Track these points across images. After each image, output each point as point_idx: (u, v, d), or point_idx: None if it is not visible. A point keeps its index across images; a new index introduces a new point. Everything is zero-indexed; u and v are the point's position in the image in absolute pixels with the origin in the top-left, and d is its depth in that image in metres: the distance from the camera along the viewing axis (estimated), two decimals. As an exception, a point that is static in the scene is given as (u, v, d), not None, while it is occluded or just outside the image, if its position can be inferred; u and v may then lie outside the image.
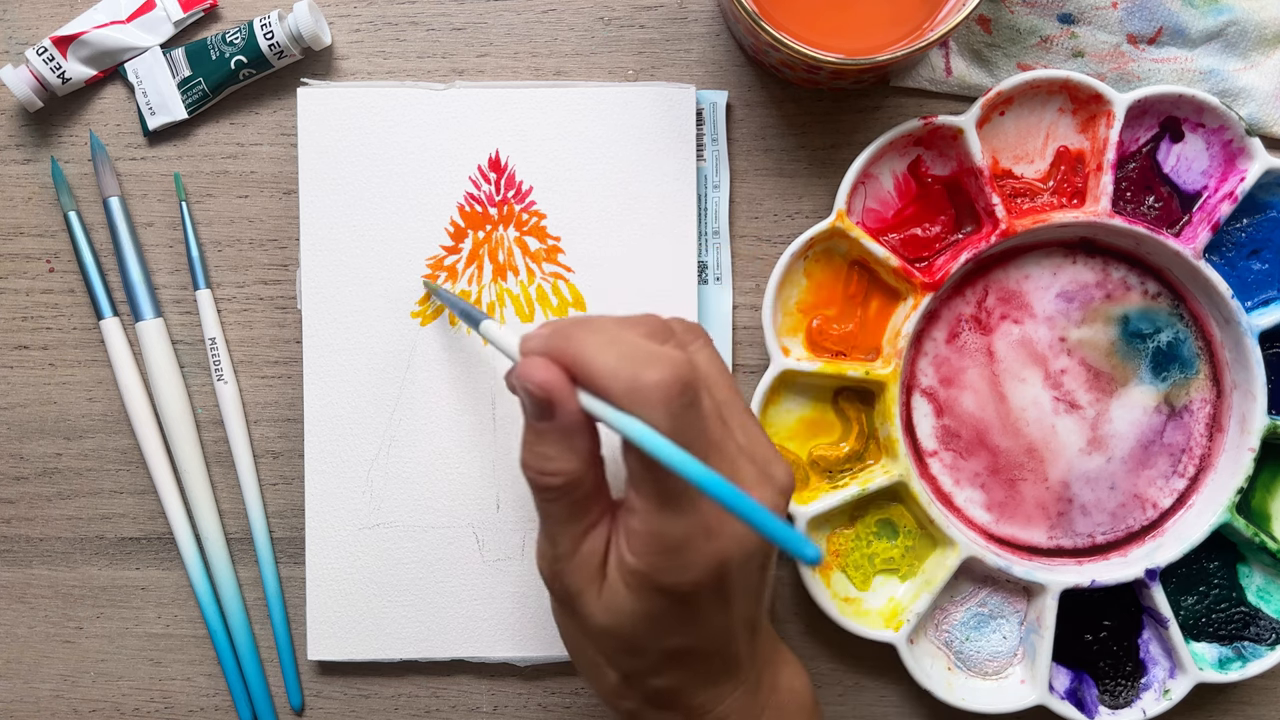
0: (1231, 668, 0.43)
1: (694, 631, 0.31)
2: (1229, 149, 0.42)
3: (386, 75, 0.44)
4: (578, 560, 0.31)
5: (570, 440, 0.30)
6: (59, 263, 0.45)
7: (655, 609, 0.30)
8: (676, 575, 0.29)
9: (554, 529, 0.31)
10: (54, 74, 0.43)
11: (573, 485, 0.30)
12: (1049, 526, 0.44)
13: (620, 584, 0.30)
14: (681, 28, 0.44)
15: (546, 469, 0.30)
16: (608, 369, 0.28)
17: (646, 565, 0.30)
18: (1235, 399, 0.43)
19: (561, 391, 0.29)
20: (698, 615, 0.31)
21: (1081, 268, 0.43)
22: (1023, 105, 0.42)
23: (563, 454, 0.30)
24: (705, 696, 0.33)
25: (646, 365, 0.28)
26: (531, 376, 0.29)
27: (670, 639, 0.31)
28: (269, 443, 0.45)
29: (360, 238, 0.43)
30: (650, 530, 0.29)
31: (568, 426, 0.30)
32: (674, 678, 0.32)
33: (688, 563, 0.29)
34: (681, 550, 0.29)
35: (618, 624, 0.31)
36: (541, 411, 0.30)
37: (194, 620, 0.45)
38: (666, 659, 0.32)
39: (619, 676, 0.33)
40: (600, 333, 0.30)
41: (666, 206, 0.43)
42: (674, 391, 0.28)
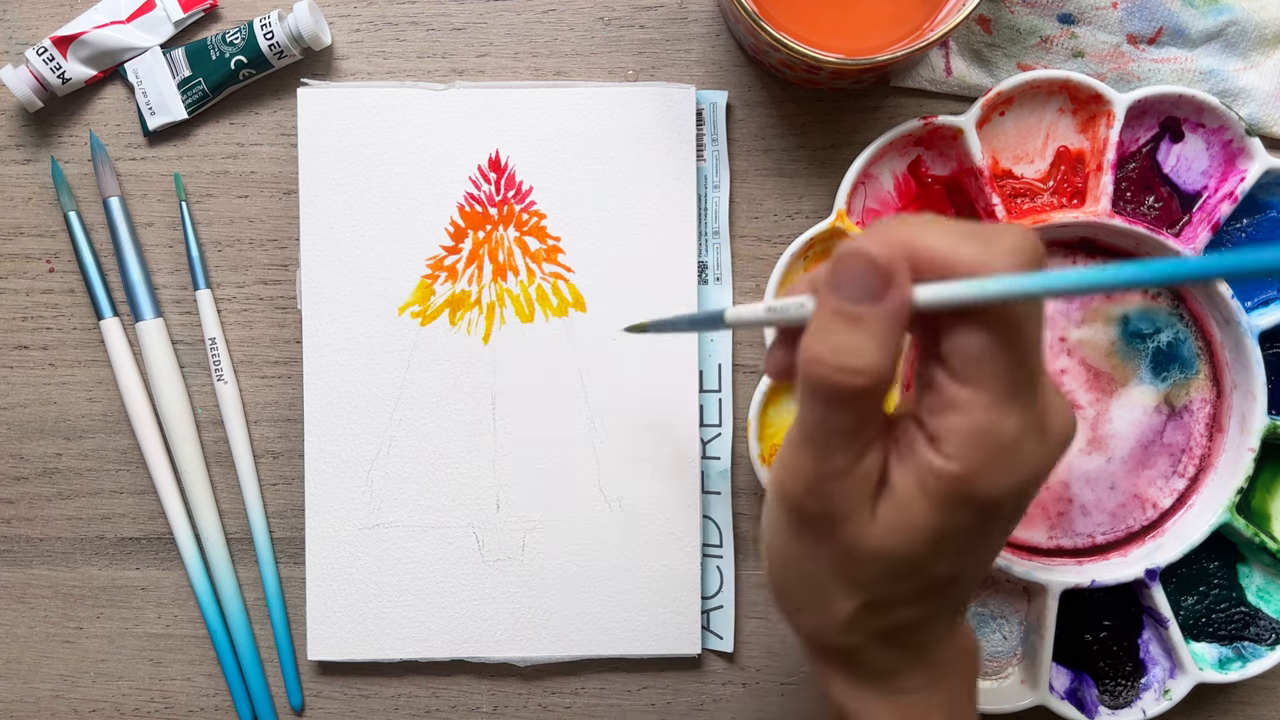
0: (1231, 668, 0.43)
1: (973, 552, 0.29)
2: (1229, 149, 0.42)
3: (386, 75, 0.44)
4: (856, 476, 0.27)
5: (890, 331, 0.26)
6: (59, 263, 0.45)
7: (954, 524, 0.27)
8: (999, 478, 0.26)
9: (831, 442, 0.27)
10: (54, 74, 0.43)
11: (877, 390, 0.26)
12: (1049, 526, 0.44)
13: (918, 497, 0.27)
14: (681, 28, 0.44)
15: (852, 365, 0.26)
16: (946, 244, 0.26)
17: (966, 468, 0.26)
18: (1235, 399, 0.43)
19: (901, 266, 0.26)
20: (989, 534, 0.28)
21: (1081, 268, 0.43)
22: (1023, 105, 0.42)
23: (876, 348, 0.26)
24: (937, 634, 0.30)
25: (992, 234, 0.26)
26: (870, 247, 0.26)
27: (952, 561, 0.28)
28: (269, 443, 0.45)
29: (360, 238, 0.43)
30: (982, 426, 0.26)
31: (894, 312, 0.26)
32: (926, 607, 0.29)
33: (1014, 465, 0.26)
34: (1012, 451, 0.26)
35: (901, 544, 0.27)
36: (868, 290, 0.26)
37: (194, 620, 0.45)
38: (932, 585, 0.29)
39: (858, 607, 0.29)
40: (924, 221, 0.27)
41: (666, 206, 0.43)
42: (1029, 251, 0.25)
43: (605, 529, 0.43)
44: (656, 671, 0.45)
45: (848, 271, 0.26)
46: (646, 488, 0.43)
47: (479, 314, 0.43)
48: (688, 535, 0.43)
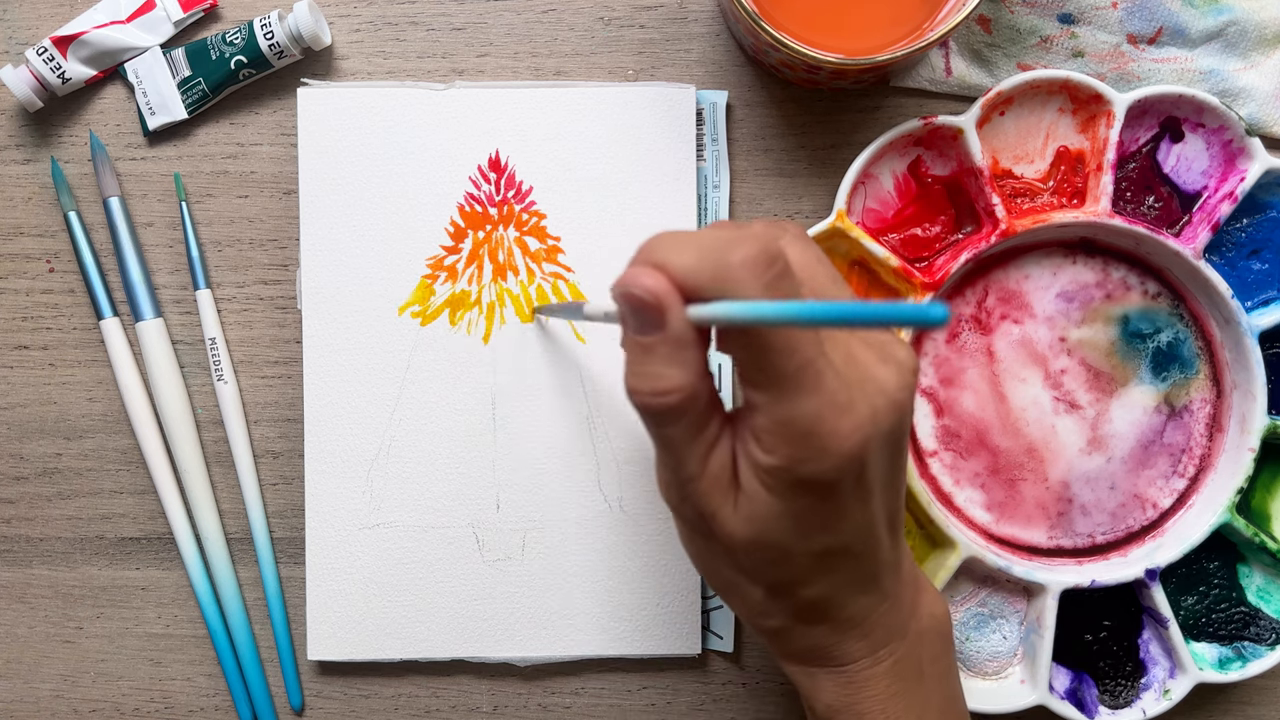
0: (1231, 668, 0.43)
1: (839, 527, 0.30)
2: (1229, 149, 0.42)
3: (386, 75, 0.44)
4: (708, 478, 0.30)
5: (681, 352, 0.28)
6: (59, 263, 0.45)
7: (798, 507, 0.29)
8: (816, 462, 0.28)
9: (676, 452, 0.30)
10: (54, 74, 0.43)
11: (689, 401, 0.29)
12: (1049, 526, 0.44)
13: (759, 489, 0.29)
14: (681, 28, 0.44)
15: (659, 388, 0.29)
16: (689, 265, 0.27)
17: (783, 458, 0.28)
18: (1235, 399, 0.43)
19: (669, 296, 0.28)
20: (841, 508, 0.30)
21: (1081, 268, 0.43)
22: (1023, 105, 0.42)
23: (674, 368, 0.28)
24: (855, 607, 0.32)
25: (727, 249, 0.27)
26: (637, 281, 0.28)
27: (817, 538, 0.30)
28: (269, 443, 0.45)
29: (360, 238, 0.43)
30: (779, 420, 0.28)
31: (678, 336, 0.28)
32: (823, 585, 0.31)
33: (825, 447, 0.28)
34: (815, 434, 0.28)
35: (761, 532, 0.30)
36: (649, 322, 0.28)
37: (194, 620, 0.45)
38: (815, 563, 0.31)
39: (764, 591, 0.32)
40: (675, 236, 0.29)
41: (666, 206, 0.43)
42: (761, 264, 0.27)
43: (605, 529, 0.43)
44: (656, 671, 0.45)
45: (628, 309, 0.28)
46: (646, 488, 0.43)
47: (479, 314, 0.43)
48: (688, 535, 0.43)
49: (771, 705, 0.45)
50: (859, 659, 0.33)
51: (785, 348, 0.27)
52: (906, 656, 0.33)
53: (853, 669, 0.33)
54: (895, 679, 0.33)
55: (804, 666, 0.34)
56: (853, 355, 0.30)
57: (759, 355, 0.28)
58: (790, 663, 0.34)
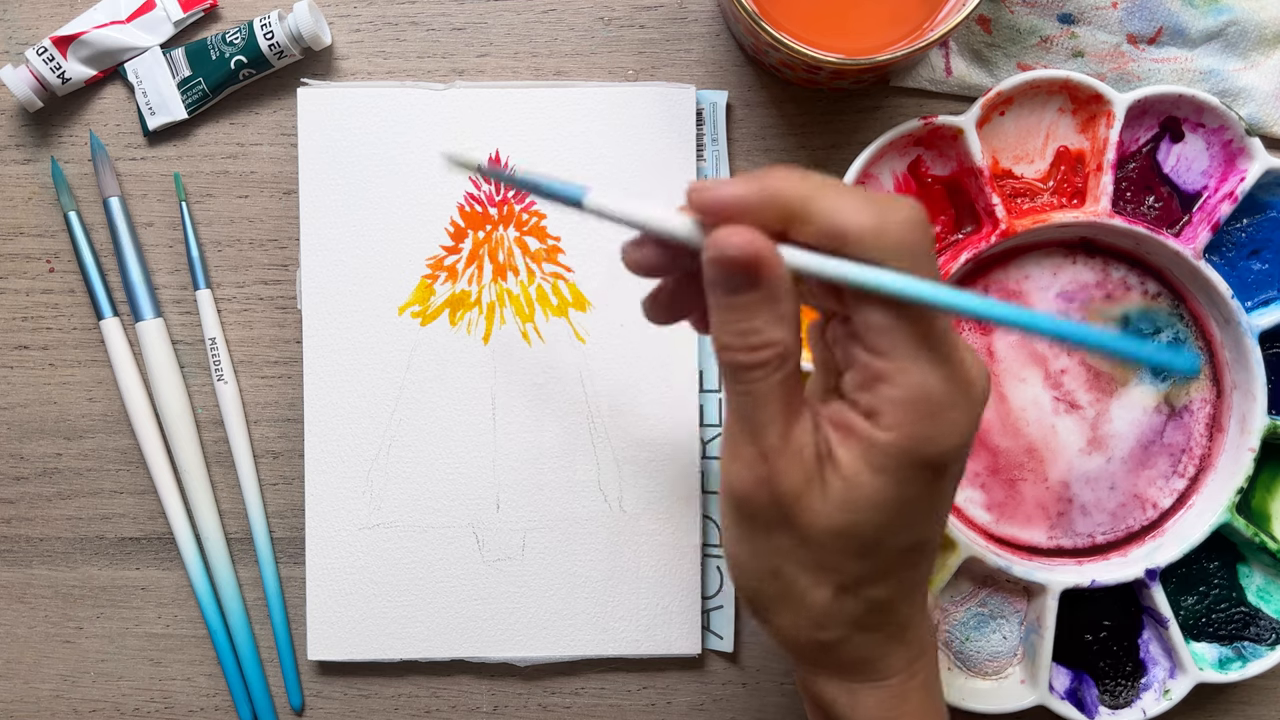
0: (1231, 668, 0.43)
1: (932, 518, 0.29)
2: (1229, 149, 0.42)
3: (386, 75, 0.44)
4: (791, 453, 0.28)
5: (778, 306, 0.27)
6: (59, 263, 0.45)
7: (909, 492, 0.27)
8: (941, 438, 0.27)
9: (760, 416, 0.28)
10: (54, 74, 0.43)
11: (787, 356, 0.27)
12: (1049, 526, 0.44)
13: (864, 471, 0.27)
14: (681, 28, 0.44)
15: (754, 342, 0.27)
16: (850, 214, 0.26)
17: (908, 436, 0.26)
18: (1235, 399, 0.43)
19: (766, 253, 0.26)
20: (943, 495, 0.28)
21: (1081, 268, 0.43)
22: (1023, 105, 0.42)
23: (772, 323, 0.27)
24: (907, 612, 0.31)
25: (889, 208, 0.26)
26: (731, 242, 0.26)
27: (912, 530, 0.28)
28: (269, 443, 0.45)
29: (360, 238, 0.43)
30: (911, 393, 0.26)
31: (776, 291, 0.27)
32: (895, 583, 0.29)
33: (951, 423, 0.27)
34: (943, 411, 0.26)
35: (856, 521, 0.28)
36: (744, 282, 0.26)
37: (194, 620, 0.45)
38: (898, 557, 0.29)
39: (832, 592, 0.29)
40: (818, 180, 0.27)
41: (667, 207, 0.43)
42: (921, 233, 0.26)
43: (605, 529, 0.43)
44: (656, 671, 0.45)
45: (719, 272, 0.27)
46: (646, 488, 0.43)
47: (479, 314, 0.43)
48: (688, 535, 0.43)
49: (772, 705, 0.45)
50: (899, 672, 0.31)
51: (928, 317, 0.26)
52: (931, 669, 0.32)
53: (894, 682, 0.31)
54: (927, 695, 0.32)
55: (846, 682, 0.32)
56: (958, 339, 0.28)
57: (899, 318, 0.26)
58: (830, 679, 0.32)
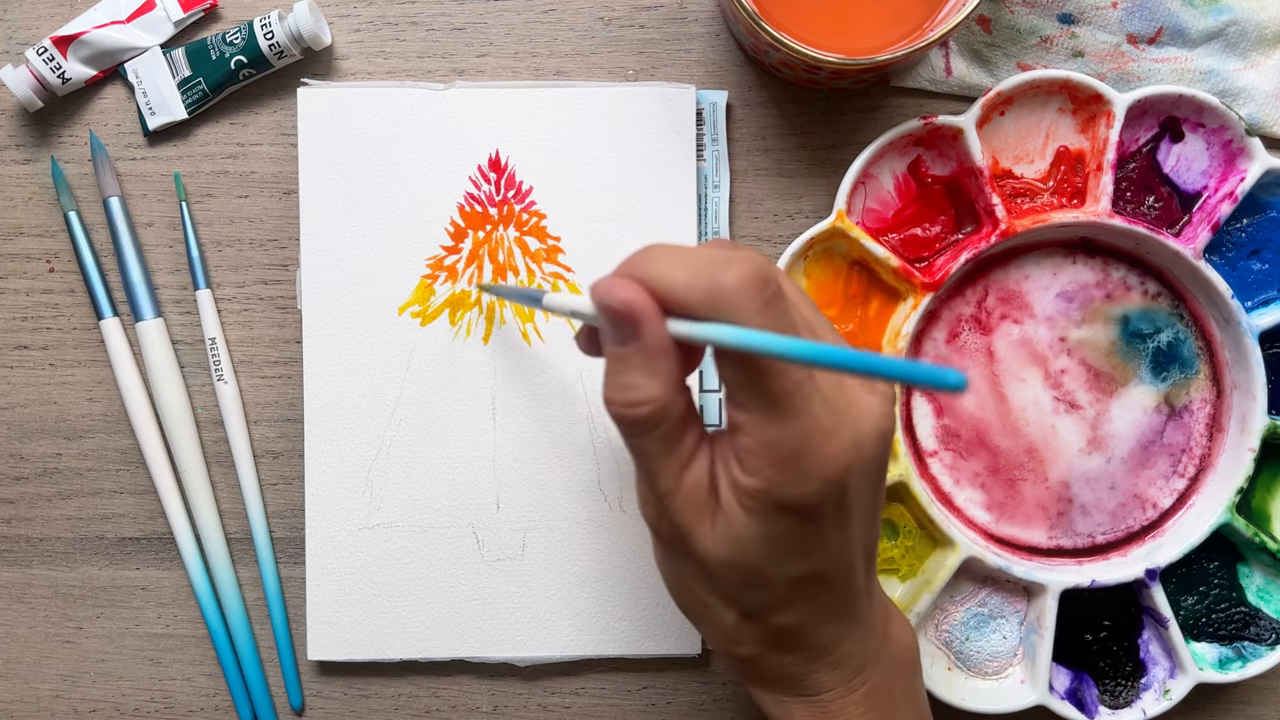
0: (1231, 668, 0.43)
1: (817, 554, 0.30)
2: (1229, 149, 0.42)
3: (386, 75, 0.44)
4: (683, 495, 0.30)
5: (654, 364, 0.29)
6: (59, 263, 0.45)
7: (778, 530, 0.29)
8: (798, 486, 0.28)
9: (651, 466, 0.30)
10: (54, 74, 0.43)
11: (662, 413, 0.29)
12: (1049, 526, 0.44)
13: (738, 510, 0.29)
14: (681, 28, 0.44)
15: (632, 398, 0.29)
16: (682, 282, 0.28)
17: (765, 481, 0.28)
18: (1235, 399, 0.43)
19: (644, 307, 0.28)
20: (820, 534, 0.30)
21: (1081, 268, 0.43)
22: (1023, 105, 0.42)
23: (647, 379, 0.29)
24: (827, 635, 0.32)
25: (721, 269, 0.27)
26: (613, 294, 0.28)
27: (794, 564, 0.30)
28: (269, 443, 0.45)
29: (360, 238, 0.43)
30: (763, 442, 0.28)
31: (652, 348, 0.28)
32: (797, 612, 0.31)
33: (808, 471, 0.28)
34: (800, 458, 0.28)
35: (739, 553, 0.30)
36: (625, 333, 0.28)
37: (194, 620, 0.45)
38: (790, 589, 0.30)
39: (737, 616, 0.31)
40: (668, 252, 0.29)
41: (666, 206, 0.43)
42: (756, 286, 0.27)
43: (605, 529, 0.43)
44: (656, 671, 0.45)
45: (605, 319, 0.29)
46: (646, 488, 0.43)
47: (479, 314, 0.43)
48: (688, 535, 0.43)
49: (771, 705, 0.45)
50: (832, 688, 0.32)
51: (775, 370, 0.27)
52: (879, 686, 0.33)
53: (826, 698, 0.32)
54: (869, 708, 0.33)
55: (776, 695, 0.33)
56: (839, 381, 0.30)
57: (747, 376, 0.28)
58: (762, 691, 0.34)
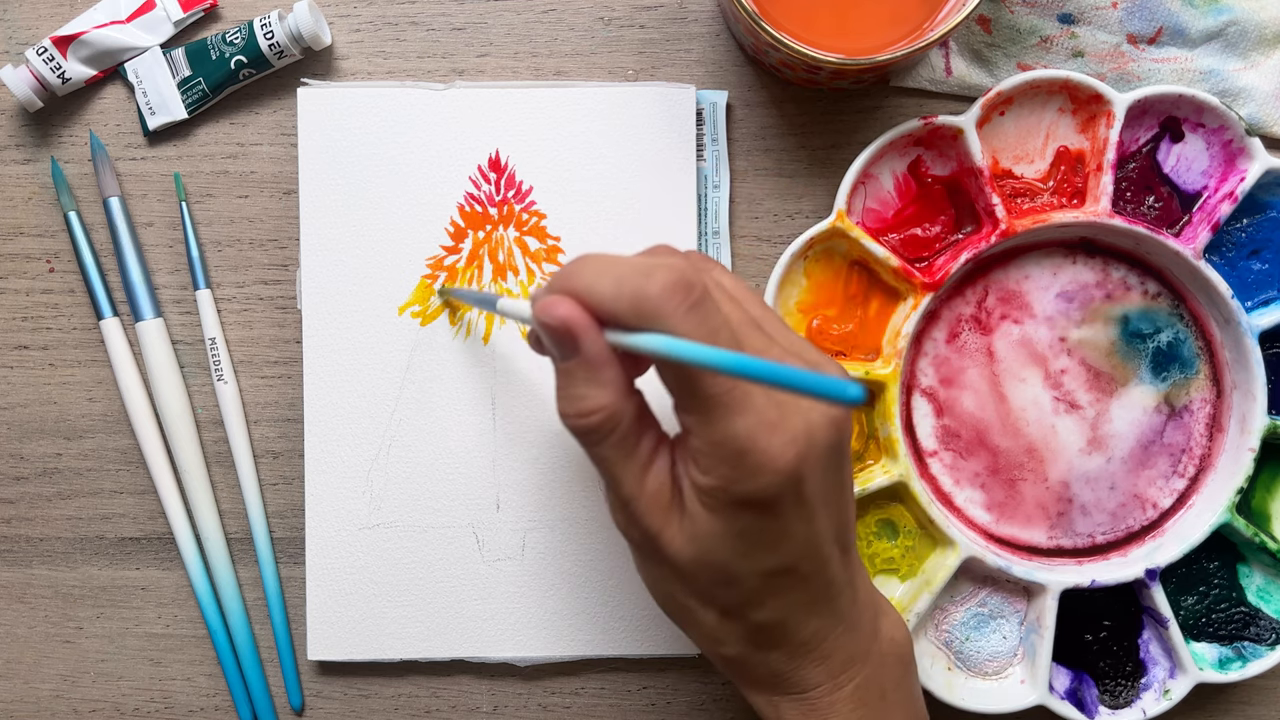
0: (1231, 668, 0.43)
1: (783, 547, 0.30)
2: (1229, 149, 0.42)
3: (386, 75, 0.44)
4: (647, 499, 0.31)
5: (597, 374, 0.29)
6: (59, 263, 0.45)
7: (740, 526, 0.30)
8: (750, 480, 0.29)
9: (612, 472, 0.31)
10: (54, 74, 0.43)
11: (611, 420, 0.30)
12: (1049, 526, 0.44)
13: (700, 509, 0.30)
14: (681, 28, 0.44)
15: (582, 408, 0.30)
16: (609, 293, 0.28)
17: (720, 478, 0.29)
18: (1235, 399, 0.43)
19: (580, 322, 0.29)
20: (783, 526, 0.30)
21: (1081, 268, 0.43)
22: (1023, 105, 0.42)
23: (594, 389, 0.30)
24: (809, 630, 0.32)
25: (644, 278, 0.28)
26: (549, 312, 0.29)
27: (762, 558, 0.30)
28: (269, 443, 0.45)
29: (360, 238, 0.43)
30: (711, 441, 0.29)
31: (593, 359, 0.29)
32: (774, 607, 0.31)
33: (758, 465, 0.29)
34: (748, 453, 0.29)
35: (706, 551, 0.30)
36: (566, 348, 0.29)
37: (194, 620, 0.45)
38: (763, 583, 0.31)
39: (717, 615, 0.32)
40: (596, 262, 0.30)
41: (666, 206, 0.43)
42: (679, 294, 0.28)
43: (605, 529, 0.43)
44: (656, 671, 0.45)
45: (544, 335, 0.30)
46: (646, 488, 0.43)
47: (479, 314, 0.43)
48: (688, 535, 0.43)
49: (771, 705, 0.45)
50: (819, 684, 0.33)
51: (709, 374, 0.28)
52: (869, 682, 0.33)
53: (814, 695, 0.33)
54: (858, 705, 0.33)
55: (766, 695, 0.33)
56: None
57: (686, 380, 0.29)
58: (753, 692, 0.34)
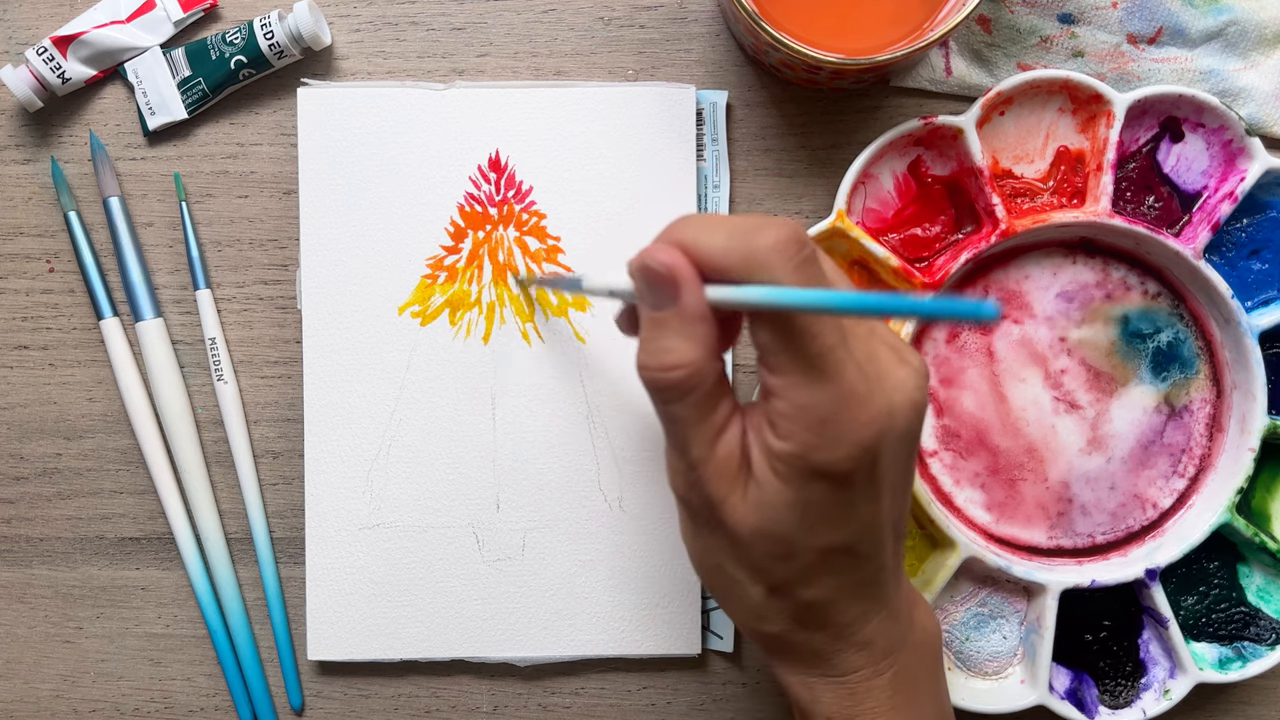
0: (1231, 668, 0.43)
1: (848, 524, 0.30)
2: (1229, 149, 0.42)
3: (386, 75, 0.44)
4: (715, 464, 0.30)
5: (691, 327, 0.29)
6: (59, 263, 0.45)
7: (810, 496, 0.29)
8: (830, 450, 0.28)
9: (683, 434, 0.30)
10: (54, 74, 0.43)
11: (696, 378, 0.29)
12: (1049, 526, 0.44)
13: (770, 476, 0.29)
14: (681, 28, 0.44)
15: (667, 362, 0.29)
16: (719, 245, 0.28)
17: (799, 444, 0.28)
18: (1235, 399, 0.43)
19: (684, 271, 0.28)
20: (851, 503, 0.30)
21: (1081, 268, 0.43)
22: (1023, 105, 0.42)
23: (684, 343, 0.29)
24: (854, 613, 0.32)
25: (756, 232, 0.28)
26: (655, 256, 0.29)
27: (825, 533, 0.30)
28: (269, 443, 0.45)
29: (360, 238, 0.43)
30: (797, 405, 0.28)
31: (690, 312, 0.29)
32: (826, 586, 0.31)
33: (841, 435, 0.28)
34: (833, 421, 0.28)
35: (770, 520, 0.30)
36: (663, 296, 0.29)
37: (194, 620, 0.45)
38: (819, 560, 0.30)
39: (765, 590, 0.31)
40: (705, 219, 0.30)
41: (666, 206, 0.43)
42: (792, 248, 0.28)
43: (605, 529, 0.43)
44: (656, 671, 0.45)
45: (643, 283, 0.29)
46: (646, 488, 0.43)
47: (479, 314, 0.43)
48: (688, 535, 0.43)
49: (771, 705, 0.45)
50: (860, 669, 0.32)
51: (809, 333, 0.28)
52: (905, 669, 0.33)
53: (853, 679, 0.32)
54: (895, 691, 0.33)
55: (802, 676, 0.33)
56: (873, 353, 0.30)
57: (782, 338, 0.28)
58: (788, 671, 0.34)
